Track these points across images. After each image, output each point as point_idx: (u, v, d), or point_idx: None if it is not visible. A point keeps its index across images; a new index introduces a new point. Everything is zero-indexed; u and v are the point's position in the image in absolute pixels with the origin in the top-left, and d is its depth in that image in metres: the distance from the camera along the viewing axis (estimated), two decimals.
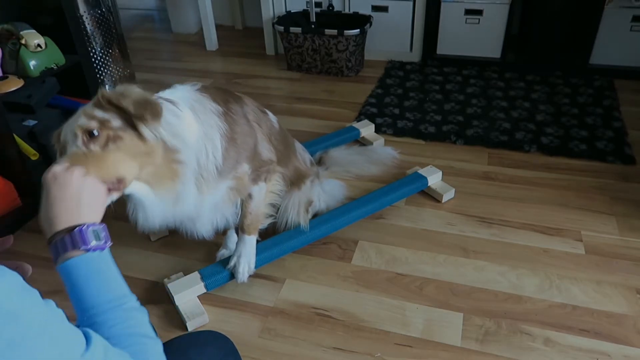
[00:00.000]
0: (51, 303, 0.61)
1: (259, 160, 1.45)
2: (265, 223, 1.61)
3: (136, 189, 1.13)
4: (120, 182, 1.04)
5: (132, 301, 0.76)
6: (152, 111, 1.08)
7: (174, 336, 0.96)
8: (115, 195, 1.05)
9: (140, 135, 1.07)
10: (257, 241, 1.58)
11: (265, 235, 1.67)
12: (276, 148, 1.55)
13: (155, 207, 1.19)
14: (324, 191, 1.82)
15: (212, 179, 1.29)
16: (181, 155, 1.16)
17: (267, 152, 1.48)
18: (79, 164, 0.92)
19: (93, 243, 0.75)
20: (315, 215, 1.76)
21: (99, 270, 0.75)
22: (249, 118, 1.44)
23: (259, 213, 1.54)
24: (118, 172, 1.04)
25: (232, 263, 1.54)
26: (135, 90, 1.10)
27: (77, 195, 0.81)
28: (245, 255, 1.54)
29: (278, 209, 1.66)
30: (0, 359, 0.52)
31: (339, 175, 2.00)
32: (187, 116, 1.21)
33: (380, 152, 2.15)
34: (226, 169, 1.32)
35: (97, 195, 0.85)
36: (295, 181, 1.66)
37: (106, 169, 1.01)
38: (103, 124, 1.04)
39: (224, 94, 1.41)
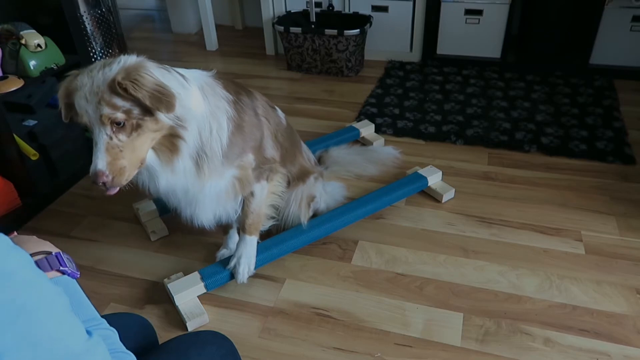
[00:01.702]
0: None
1: (262, 156, 1.46)
2: (266, 225, 1.61)
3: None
4: (143, 161, 1.19)
5: (105, 323, 0.79)
6: (166, 104, 1.13)
7: (174, 336, 0.96)
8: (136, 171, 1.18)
9: (154, 119, 1.15)
10: (257, 242, 1.58)
11: (266, 234, 1.67)
12: (282, 145, 1.56)
13: (157, 172, 1.26)
14: (325, 192, 1.82)
15: (217, 161, 1.32)
16: (184, 130, 1.22)
17: (271, 149, 1.49)
18: (115, 160, 1.10)
19: (68, 267, 0.79)
20: (314, 215, 1.76)
21: (75, 292, 0.78)
22: (258, 112, 1.46)
23: (261, 213, 1.54)
24: (143, 155, 1.17)
25: (232, 263, 1.54)
26: (148, 79, 1.13)
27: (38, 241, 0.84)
28: (246, 256, 1.54)
29: (279, 211, 1.66)
30: (11, 324, 0.54)
31: (339, 175, 2.01)
32: (194, 91, 1.25)
33: (381, 152, 2.15)
34: (232, 154, 1.35)
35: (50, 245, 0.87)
36: (300, 176, 1.68)
37: (135, 156, 1.15)
38: (127, 114, 1.11)
39: (236, 85, 1.44)
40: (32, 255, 0.76)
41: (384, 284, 1.60)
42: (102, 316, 1.01)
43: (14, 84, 1.79)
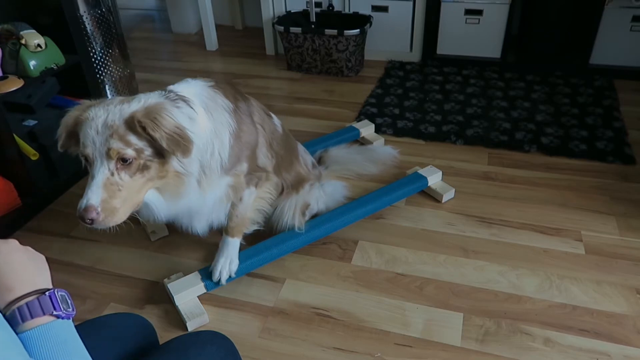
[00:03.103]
0: None
1: (254, 164, 1.45)
2: (250, 228, 1.60)
3: (146, 196, 1.17)
4: (138, 205, 1.13)
5: None
6: (183, 149, 1.10)
7: (174, 336, 0.96)
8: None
9: (163, 161, 1.12)
10: (242, 245, 1.57)
11: (263, 236, 1.67)
12: (277, 153, 1.55)
13: (161, 206, 1.23)
14: (325, 192, 1.81)
15: (215, 176, 1.30)
16: (189, 166, 1.20)
17: (263, 157, 1.49)
18: (110, 198, 1.03)
19: (62, 309, 0.70)
20: (315, 215, 1.76)
21: (68, 340, 0.70)
22: (254, 119, 1.45)
23: (245, 217, 1.53)
24: (140, 199, 1.12)
25: (213, 263, 1.54)
26: (168, 120, 1.10)
27: (30, 262, 0.73)
28: (225, 256, 1.53)
29: (266, 216, 1.65)
30: None
31: (339, 174, 2.01)
32: (200, 117, 1.22)
33: (380, 152, 2.15)
34: (229, 165, 1.34)
35: (41, 265, 0.76)
36: (294, 185, 1.66)
37: (132, 199, 1.08)
38: (138, 152, 1.07)
39: (234, 90, 1.42)
40: (23, 297, 0.68)
41: (384, 284, 1.60)
42: (102, 316, 1.02)
43: (14, 84, 1.79)
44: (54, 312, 0.69)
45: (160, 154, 1.11)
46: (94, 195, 1.04)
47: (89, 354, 0.72)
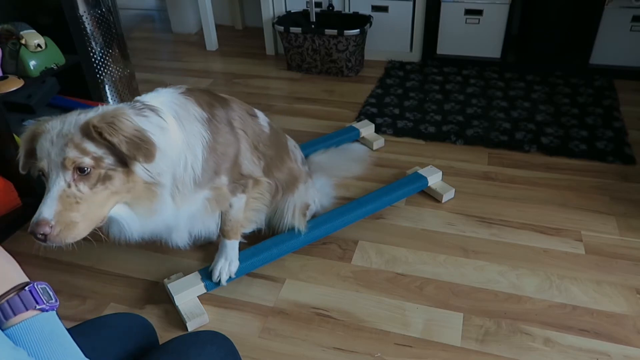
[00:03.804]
0: None
1: (238, 173, 1.39)
2: (249, 228, 1.59)
3: (114, 211, 1.10)
4: (102, 220, 1.06)
5: None
6: (145, 152, 1.03)
7: (174, 336, 0.96)
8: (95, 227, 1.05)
9: (128, 170, 1.05)
10: (242, 244, 1.56)
11: (263, 237, 1.67)
12: (265, 154, 1.49)
13: (132, 223, 1.16)
14: (316, 189, 1.79)
15: (188, 191, 1.23)
16: (161, 177, 1.13)
17: (248, 164, 1.41)
18: (67, 210, 0.95)
19: (45, 302, 0.69)
20: (314, 216, 1.76)
21: (55, 331, 0.69)
22: (234, 125, 1.37)
23: (239, 219, 1.51)
24: (104, 213, 1.04)
25: (212, 264, 1.53)
26: (126, 123, 1.03)
27: (1, 259, 0.71)
28: (226, 257, 1.53)
29: (265, 218, 1.65)
30: None
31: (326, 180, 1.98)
32: (171, 127, 1.16)
33: (356, 150, 2.16)
34: (204, 180, 1.26)
35: (10, 256, 0.74)
36: (288, 185, 1.62)
37: (93, 213, 1.01)
38: (96, 161, 1.00)
39: (210, 97, 1.33)
40: (3, 295, 0.66)
41: (384, 284, 1.60)
42: (102, 316, 1.02)
43: (14, 84, 1.79)
44: (37, 306, 0.68)
45: (124, 162, 1.03)
46: (47, 209, 0.95)
47: (89, 354, 0.72)
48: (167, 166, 1.14)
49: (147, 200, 1.13)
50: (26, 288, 0.68)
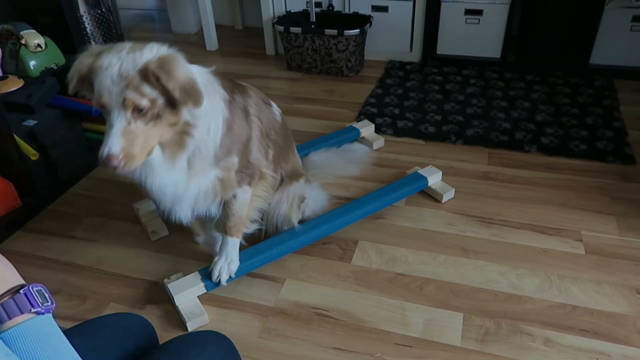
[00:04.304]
0: None
1: (246, 160, 1.44)
2: (251, 228, 1.60)
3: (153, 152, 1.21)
4: (152, 151, 1.18)
5: None
6: (195, 99, 1.14)
7: (174, 336, 0.96)
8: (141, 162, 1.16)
9: (174, 112, 1.16)
10: (242, 245, 1.56)
11: (262, 237, 1.67)
12: (275, 142, 1.55)
13: (156, 169, 1.25)
14: (309, 196, 1.80)
15: (207, 160, 1.32)
16: (193, 128, 1.23)
17: (256, 152, 1.47)
18: (129, 145, 1.09)
19: (40, 305, 0.68)
20: (302, 221, 1.75)
21: (49, 335, 0.68)
22: (250, 112, 1.45)
23: (242, 216, 1.52)
24: (154, 145, 1.18)
25: (213, 263, 1.54)
26: (181, 71, 1.14)
27: None
28: (226, 256, 1.53)
29: (264, 216, 1.65)
30: None
31: (321, 178, 1.99)
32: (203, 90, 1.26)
33: (356, 151, 2.16)
34: (220, 154, 1.34)
35: (4, 258, 0.73)
36: (292, 175, 1.67)
37: (147, 145, 1.15)
38: (152, 102, 1.11)
39: (231, 83, 1.44)
40: None
41: (384, 284, 1.60)
42: (102, 316, 1.02)
43: (14, 84, 1.79)
44: (32, 310, 0.67)
45: (172, 104, 1.14)
46: (115, 144, 1.08)
47: (89, 354, 0.72)
48: (203, 115, 1.23)
49: (177, 146, 1.24)
50: (21, 291, 0.67)
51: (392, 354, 1.38)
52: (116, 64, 1.10)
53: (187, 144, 1.24)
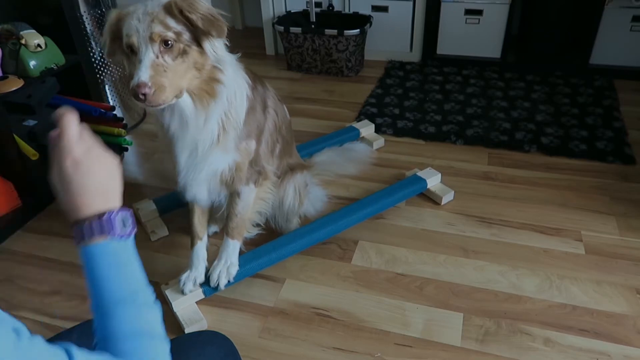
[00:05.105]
0: (23, 337, 0.56)
1: (256, 152, 1.45)
2: (252, 232, 1.60)
3: (182, 99, 1.23)
4: (181, 92, 1.20)
5: (146, 296, 0.75)
6: (217, 28, 1.18)
7: (174, 337, 0.96)
8: (174, 101, 1.19)
9: (201, 50, 1.20)
10: (241, 251, 1.56)
11: (263, 238, 1.67)
12: (284, 138, 1.60)
13: (188, 120, 1.27)
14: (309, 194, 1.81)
15: (232, 132, 1.34)
16: (223, 76, 1.27)
17: (265, 146, 1.49)
18: (158, 75, 1.12)
19: (120, 230, 0.75)
20: (304, 222, 1.75)
21: (119, 261, 0.75)
22: (268, 104, 1.50)
23: (245, 217, 1.52)
24: (183, 83, 1.19)
25: (212, 267, 1.53)
26: (202, 4, 1.18)
27: (104, 182, 0.78)
28: (225, 259, 1.52)
29: (266, 219, 1.66)
30: None
31: (320, 175, 2.00)
32: (227, 59, 1.32)
33: (357, 151, 2.17)
34: (243, 133, 1.37)
35: (117, 179, 0.80)
36: (296, 167, 1.71)
37: (176, 80, 1.17)
38: (177, 35, 1.15)
39: (254, 74, 1.49)
40: (86, 219, 0.73)
41: (384, 284, 1.60)
42: None
43: (14, 84, 1.79)
44: (109, 234, 0.73)
45: (198, 41, 1.18)
46: (144, 74, 1.11)
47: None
48: (227, 59, 1.30)
49: (207, 94, 1.26)
50: (104, 217, 0.74)
51: (392, 354, 1.38)
52: (142, 7, 1.15)
53: (218, 91, 1.26)
